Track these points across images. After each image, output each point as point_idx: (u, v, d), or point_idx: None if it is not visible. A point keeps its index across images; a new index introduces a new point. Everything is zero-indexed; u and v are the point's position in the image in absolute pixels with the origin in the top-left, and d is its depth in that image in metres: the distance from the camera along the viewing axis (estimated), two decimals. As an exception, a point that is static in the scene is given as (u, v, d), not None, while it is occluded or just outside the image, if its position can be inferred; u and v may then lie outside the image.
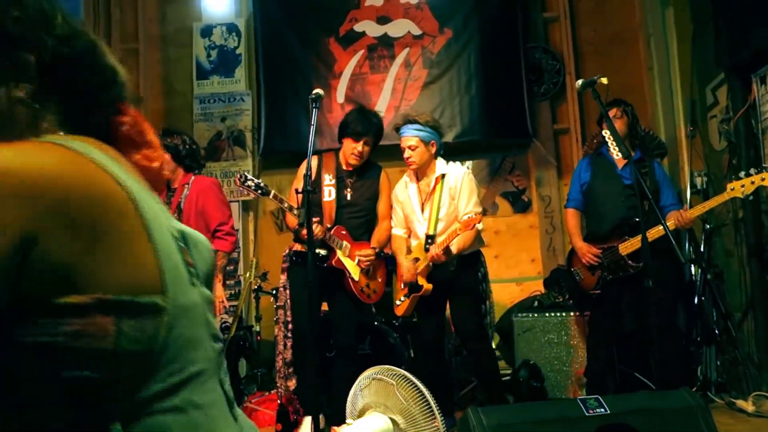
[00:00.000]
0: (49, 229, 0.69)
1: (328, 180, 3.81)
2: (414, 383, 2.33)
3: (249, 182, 3.57)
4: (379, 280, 3.95)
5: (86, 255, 0.71)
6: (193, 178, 4.02)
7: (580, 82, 3.32)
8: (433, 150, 3.83)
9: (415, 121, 3.79)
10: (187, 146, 4.01)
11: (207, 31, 6.26)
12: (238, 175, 3.62)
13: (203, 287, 0.88)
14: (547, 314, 4.51)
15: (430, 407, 2.27)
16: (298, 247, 3.82)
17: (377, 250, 3.88)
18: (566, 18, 5.96)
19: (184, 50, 6.32)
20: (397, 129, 3.88)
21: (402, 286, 3.90)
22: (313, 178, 3.79)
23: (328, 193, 3.80)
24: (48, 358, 0.69)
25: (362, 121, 3.79)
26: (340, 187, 3.84)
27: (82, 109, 0.90)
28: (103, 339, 0.70)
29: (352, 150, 3.78)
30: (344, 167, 3.87)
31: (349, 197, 3.81)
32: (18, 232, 0.67)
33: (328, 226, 3.71)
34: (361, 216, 3.88)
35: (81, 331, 0.69)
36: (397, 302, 3.95)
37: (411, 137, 3.78)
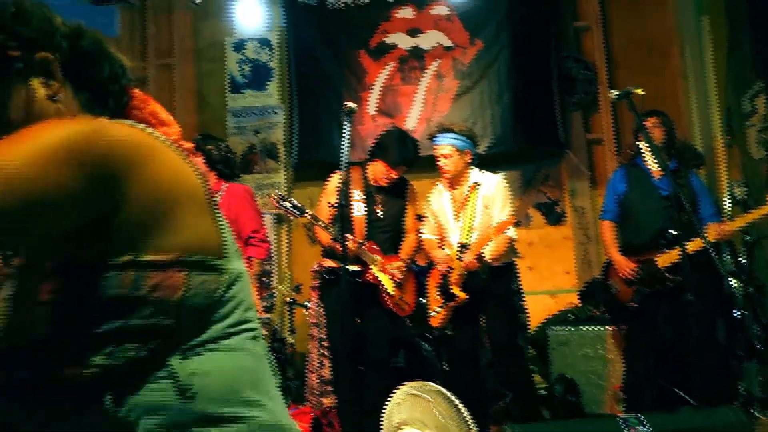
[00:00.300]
0: (140, 198, 0.83)
1: (357, 195, 3.81)
2: (451, 400, 2.31)
3: (286, 203, 3.60)
4: (411, 292, 3.95)
5: (169, 221, 0.85)
6: (225, 185, 4.05)
7: (615, 92, 3.28)
8: (468, 159, 3.82)
9: (449, 130, 3.80)
10: (221, 153, 4.02)
11: (240, 46, 6.34)
12: (275, 196, 3.65)
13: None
14: (582, 327, 4.44)
15: (468, 425, 2.25)
16: (329, 263, 3.82)
17: (407, 262, 3.88)
18: (599, 27, 5.91)
19: (218, 65, 6.41)
20: (432, 138, 3.87)
21: (435, 296, 3.86)
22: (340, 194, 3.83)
23: (357, 209, 3.80)
24: (128, 307, 0.81)
25: (401, 152, 3.74)
26: (369, 202, 3.84)
27: (96, 99, 1.00)
28: (176, 292, 0.83)
29: (384, 174, 3.79)
30: (372, 183, 3.86)
31: (380, 213, 3.81)
32: (114, 195, 0.81)
33: (360, 241, 3.71)
34: (388, 230, 3.89)
35: (159, 284, 0.82)
36: (432, 313, 3.91)
37: (446, 146, 3.78)
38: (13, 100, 0.90)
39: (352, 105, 3.36)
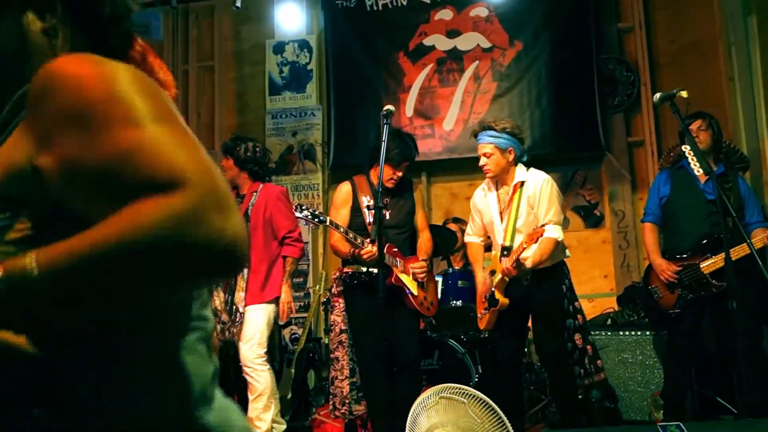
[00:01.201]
0: None
1: (367, 202, 3.83)
2: (486, 402, 2.30)
3: (305, 212, 3.63)
4: (433, 291, 3.98)
5: None
6: (261, 186, 4.10)
7: (658, 95, 3.23)
8: (511, 157, 3.69)
9: (490, 128, 3.70)
10: (249, 152, 4.07)
11: (279, 48, 6.40)
12: (295, 206, 3.69)
13: None
14: (621, 333, 4.37)
15: (505, 426, 2.24)
16: (351, 269, 3.84)
17: (428, 261, 3.91)
18: (641, 28, 5.80)
19: (258, 67, 6.49)
20: (475, 135, 3.80)
21: (482, 299, 3.83)
22: (350, 204, 3.86)
23: (370, 215, 3.80)
24: None
25: (401, 149, 3.78)
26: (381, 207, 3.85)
27: (94, 41, 0.90)
28: None
29: (390, 175, 3.79)
30: (376, 187, 3.86)
31: (388, 216, 3.79)
32: None
33: None
34: (403, 233, 3.93)
35: None
36: (479, 315, 3.86)
37: (486, 144, 3.69)
38: (5, 30, 0.84)
39: (390, 107, 3.38)
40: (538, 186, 3.68)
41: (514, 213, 3.67)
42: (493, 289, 3.71)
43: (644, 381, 4.23)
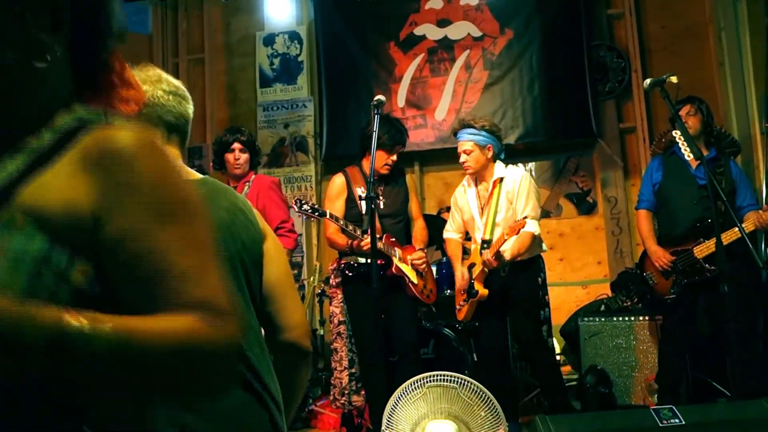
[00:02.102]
0: None
1: (361, 192, 3.83)
2: (475, 386, 2.31)
3: (305, 206, 3.63)
4: (431, 279, 4.03)
5: None
6: (253, 177, 4.09)
7: (648, 81, 3.22)
8: (490, 154, 3.81)
9: (470, 126, 3.81)
10: (252, 140, 4.12)
11: (269, 40, 6.38)
12: (294, 201, 3.68)
13: None
14: (614, 318, 4.40)
15: (495, 408, 2.25)
16: (348, 260, 3.85)
17: (425, 250, 3.95)
18: (632, 14, 5.80)
19: (248, 59, 6.47)
20: (454, 134, 3.91)
21: (461, 291, 3.91)
22: (345, 195, 3.86)
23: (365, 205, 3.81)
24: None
25: (392, 134, 3.82)
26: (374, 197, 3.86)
27: (82, 56, 0.88)
28: None
29: (385, 161, 3.82)
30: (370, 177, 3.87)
31: (383, 206, 3.81)
32: None
33: (378, 236, 3.73)
34: (399, 222, 3.96)
35: None
36: (458, 306, 3.97)
37: (466, 141, 3.80)
38: (12, 38, 0.80)
39: (381, 97, 3.38)
40: (517, 181, 3.78)
41: (494, 208, 3.77)
42: (472, 281, 3.80)
43: (638, 366, 4.26)
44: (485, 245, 3.74)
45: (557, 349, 4.72)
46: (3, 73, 0.80)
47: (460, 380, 2.34)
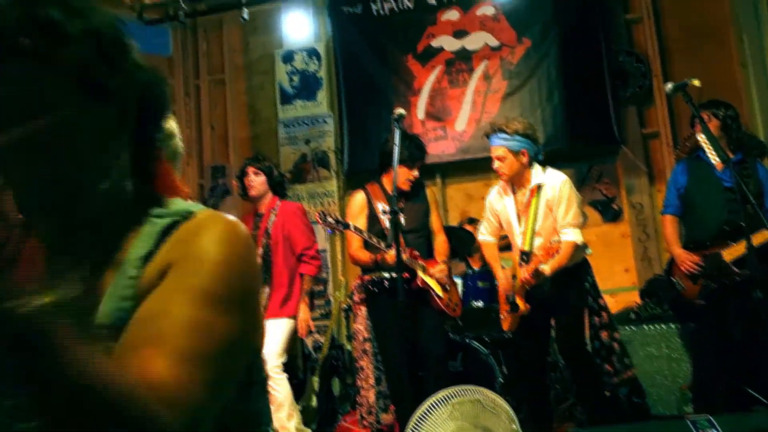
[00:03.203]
0: None
1: (382, 208, 3.84)
2: (495, 400, 2.28)
3: (329, 219, 3.65)
4: (455, 292, 4.01)
5: None
6: (279, 203, 4.16)
7: (670, 85, 3.19)
8: (525, 159, 3.61)
9: (501, 130, 3.61)
10: (279, 173, 4.20)
11: (288, 57, 6.44)
12: (318, 214, 3.70)
13: None
14: (645, 326, 4.33)
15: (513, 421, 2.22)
16: (372, 276, 3.84)
17: (448, 263, 3.94)
18: (650, 18, 5.75)
19: (268, 77, 6.53)
20: (487, 137, 3.75)
21: (504, 301, 3.80)
22: (366, 211, 3.87)
23: (388, 221, 3.80)
24: None
25: (413, 149, 3.81)
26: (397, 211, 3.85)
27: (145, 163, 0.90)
28: None
29: (407, 176, 3.80)
30: (390, 193, 3.85)
31: (404, 221, 3.76)
32: None
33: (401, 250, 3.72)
34: (421, 236, 3.94)
35: None
36: (502, 316, 3.83)
37: (498, 147, 3.62)
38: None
39: (401, 111, 3.39)
40: (557, 188, 3.60)
41: (532, 216, 3.61)
42: (514, 294, 3.68)
43: (672, 374, 4.19)
44: (524, 257, 3.59)
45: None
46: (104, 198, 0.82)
47: (485, 395, 2.32)
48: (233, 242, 0.82)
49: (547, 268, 3.50)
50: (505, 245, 4.06)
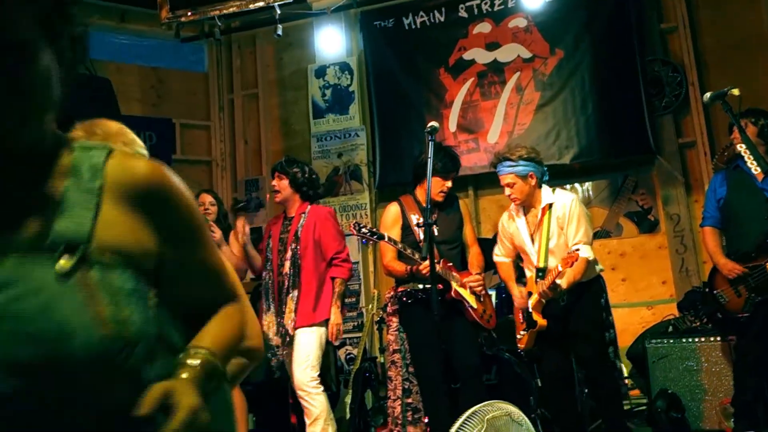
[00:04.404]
0: None
1: (416, 220, 3.84)
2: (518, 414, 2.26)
3: (364, 230, 3.66)
4: (490, 304, 4.00)
5: None
6: (309, 207, 4.15)
7: (708, 95, 3.16)
8: (533, 181, 3.75)
9: (506, 158, 3.77)
10: (306, 175, 4.16)
11: (321, 72, 6.50)
12: (353, 225, 3.71)
13: None
14: (684, 340, 4.25)
15: None
16: (405, 287, 3.85)
17: (482, 274, 3.93)
18: (685, 27, 5.69)
19: (301, 92, 6.61)
20: (494, 167, 3.87)
21: (521, 319, 3.84)
22: (400, 223, 3.88)
23: (422, 232, 3.80)
24: None
25: (446, 161, 3.85)
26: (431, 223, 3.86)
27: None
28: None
29: (441, 188, 3.83)
30: (424, 205, 3.86)
31: (437, 233, 3.76)
32: None
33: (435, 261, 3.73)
34: (455, 248, 3.95)
35: None
36: (518, 335, 3.90)
37: (506, 175, 3.76)
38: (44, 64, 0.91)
39: (434, 124, 3.40)
40: (566, 207, 3.72)
41: (545, 235, 3.72)
42: (530, 311, 3.75)
43: (712, 389, 4.09)
44: (540, 274, 3.70)
45: (624, 372, 4.58)
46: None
47: (512, 412, 2.30)
48: (179, 182, 1.03)
49: (563, 282, 3.57)
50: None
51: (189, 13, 5.61)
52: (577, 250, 3.53)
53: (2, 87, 0.84)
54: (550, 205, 3.75)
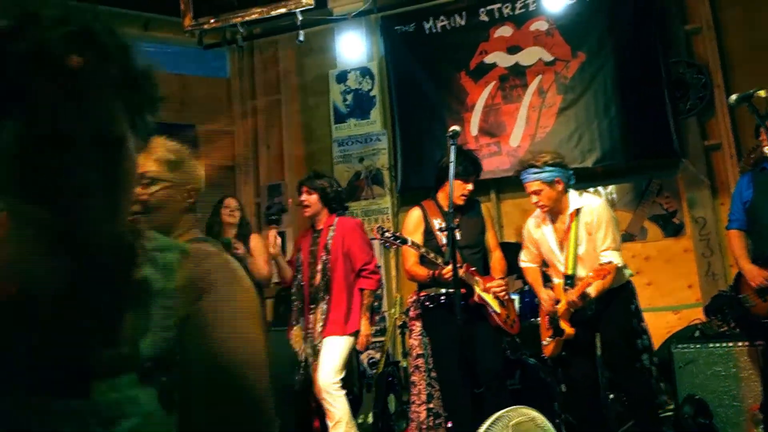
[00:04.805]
0: None
1: (438, 224, 3.84)
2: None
3: (387, 234, 3.68)
4: (513, 309, 3.98)
5: None
6: (336, 219, 4.20)
7: (734, 96, 3.12)
8: (560, 187, 3.68)
9: (531, 165, 3.70)
10: (334, 189, 4.22)
11: (342, 77, 6.53)
12: (377, 229, 3.73)
13: None
14: (711, 345, 4.19)
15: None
16: (428, 291, 3.85)
17: (505, 279, 3.91)
18: (710, 29, 5.61)
19: (322, 97, 6.64)
20: (519, 175, 3.81)
21: (547, 326, 3.81)
22: (423, 227, 3.88)
23: (444, 236, 3.80)
24: None
25: (467, 164, 3.83)
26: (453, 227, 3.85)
27: None
28: None
29: (462, 191, 3.81)
30: (446, 209, 3.85)
31: (459, 237, 3.76)
32: None
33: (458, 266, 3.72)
34: (477, 252, 3.94)
35: None
36: (544, 342, 3.87)
37: (532, 182, 3.69)
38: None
39: (456, 128, 3.40)
40: (595, 212, 3.66)
41: (573, 241, 3.66)
42: (557, 317, 3.71)
43: (740, 395, 4.03)
44: (568, 281, 3.65)
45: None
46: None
47: (536, 417, 2.28)
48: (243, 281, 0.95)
49: (592, 291, 3.53)
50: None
51: (212, 21, 5.67)
52: (609, 262, 3.47)
53: (99, 182, 0.78)
54: (578, 211, 3.68)
